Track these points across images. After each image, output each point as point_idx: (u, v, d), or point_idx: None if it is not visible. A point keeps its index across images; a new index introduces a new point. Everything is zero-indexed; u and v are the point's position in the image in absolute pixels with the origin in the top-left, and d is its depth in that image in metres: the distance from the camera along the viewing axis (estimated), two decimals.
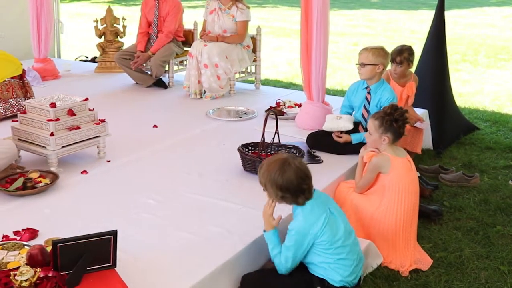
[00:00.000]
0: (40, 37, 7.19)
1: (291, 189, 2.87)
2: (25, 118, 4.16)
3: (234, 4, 6.24)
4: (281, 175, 2.85)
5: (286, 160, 2.89)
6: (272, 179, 2.88)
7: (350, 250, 3.01)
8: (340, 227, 2.97)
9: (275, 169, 2.87)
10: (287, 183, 2.85)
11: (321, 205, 2.96)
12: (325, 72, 5.02)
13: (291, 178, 2.85)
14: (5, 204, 3.58)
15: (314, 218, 2.91)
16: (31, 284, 2.45)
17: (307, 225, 2.90)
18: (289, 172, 2.85)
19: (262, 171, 2.94)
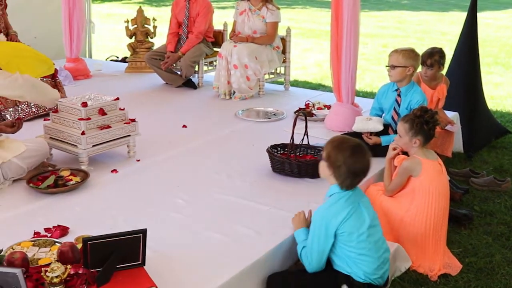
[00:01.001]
0: (72, 37, 7.28)
1: (351, 168, 2.85)
2: (57, 117, 4.21)
3: (264, 5, 6.24)
4: (353, 153, 2.85)
5: (363, 146, 2.93)
6: (341, 147, 2.88)
7: (374, 247, 2.95)
8: (365, 222, 2.91)
9: (349, 144, 2.89)
10: (353, 161, 2.85)
11: (352, 198, 2.92)
12: (355, 74, 5.00)
13: (358, 163, 2.86)
14: (37, 202, 3.63)
15: (339, 208, 2.88)
16: (62, 281, 2.47)
17: (330, 213, 2.87)
18: (361, 156, 2.88)
19: (334, 139, 2.98)
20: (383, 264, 3.00)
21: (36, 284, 2.49)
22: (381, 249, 3.00)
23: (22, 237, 3.06)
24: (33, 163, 3.93)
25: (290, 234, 3.19)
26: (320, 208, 2.95)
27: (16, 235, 3.09)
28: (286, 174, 4.00)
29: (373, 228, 2.96)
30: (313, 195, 3.66)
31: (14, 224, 3.32)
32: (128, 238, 2.60)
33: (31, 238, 3.08)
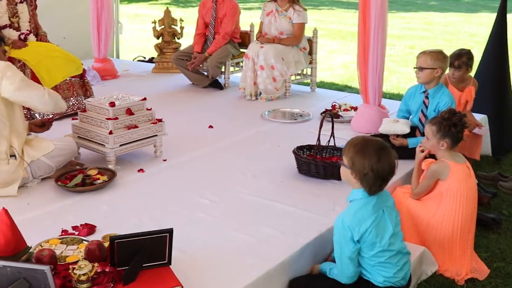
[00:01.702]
0: (100, 38, 7.35)
1: (379, 172, 2.74)
2: (85, 116, 4.26)
3: (291, 6, 6.24)
4: (380, 156, 2.74)
5: (387, 147, 2.82)
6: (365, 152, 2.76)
7: (394, 255, 2.90)
8: (386, 232, 2.85)
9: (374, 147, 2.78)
10: (380, 165, 2.74)
11: (378, 205, 2.85)
12: (382, 75, 4.97)
13: (385, 166, 2.75)
14: (65, 200, 3.67)
15: (365, 216, 2.80)
16: (89, 278, 2.49)
17: (354, 220, 2.79)
18: (388, 157, 2.76)
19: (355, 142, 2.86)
20: (403, 267, 2.97)
21: (63, 281, 2.51)
22: (401, 254, 2.95)
23: (50, 235, 3.10)
24: (61, 162, 3.98)
25: (316, 235, 3.19)
26: (343, 215, 2.85)
27: (44, 232, 3.14)
28: (312, 176, 3.99)
29: (395, 236, 2.90)
30: (338, 196, 3.64)
31: (43, 222, 3.36)
32: (154, 238, 2.61)
33: (59, 236, 3.11)
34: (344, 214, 2.85)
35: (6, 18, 5.53)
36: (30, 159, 3.81)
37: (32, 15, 5.77)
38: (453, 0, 22.22)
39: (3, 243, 2.56)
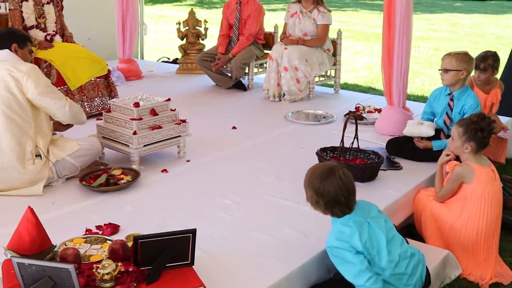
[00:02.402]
0: (125, 39, 7.40)
1: (327, 196, 2.77)
2: (109, 116, 4.29)
3: (316, 7, 6.22)
4: (321, 181, 2.77)
5: (332, 168, 2.81)
6: (311, 181, 2.81)
7: (398, 265, 2.85)
8: (381, 241, 2.81)
9: (318, 174, 2.80)
10: (324, 189, 2.76)
11: (357, 220, 2.81)
12: (407, 77, 4.94)
13: (329, 186, 2.75)
14: (89, 199, 3.71)
15: (347, 230, 2.77)
16: (112, 278, 2.51)
17: (342, 237, 2.76)
18: (330, 180, 2.76)
19: (307, 174, 2.89)
20: (414, 271, 2.93)
21: (87, 280, 2.53)
22: (406, 258, 2.90)
23: (74, 234, 3.12)
24: (86, 161, 4.02)
25: None
26: (330, 240, 2.82)
27: (68, 231, 3.16)
28: None
29: (391, 242, 2.86)
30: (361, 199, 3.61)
31: (67, 221, 3.39)
32: (177, 238, 2.62)
33: (83, 235, 3.14)
34: (330, 239, 2.82)
35: (33, 18, 5.61)
36: (55, 159, 3.85)
37: (58, 16, 5.84)
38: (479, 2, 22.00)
39: (29, 242, 2.59)
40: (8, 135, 3.70)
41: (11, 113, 3.71)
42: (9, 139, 3.70)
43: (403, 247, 2.94)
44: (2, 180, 3.73)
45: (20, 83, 3.72)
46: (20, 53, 3.93)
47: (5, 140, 3.70)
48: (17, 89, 3.72)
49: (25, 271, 2.39)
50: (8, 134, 3.70)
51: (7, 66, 3.76)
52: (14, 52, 3.90)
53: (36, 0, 5.62)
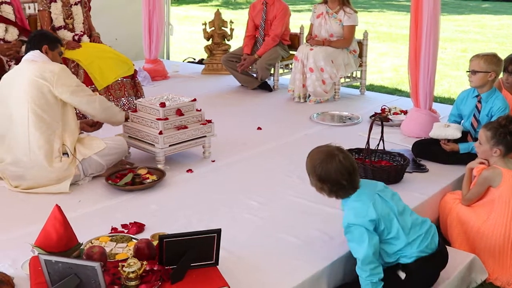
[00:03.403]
0: (151, 39, 7.45)
1: (329, 181, 2.80)
2: (135, 116, 4.32)
3: (342, 8, 6.20)
4: (322, 166, 2.81)
5: (331, 152, 2.84)
6: (312, 167, 2.86)
7: (410, 229, 2.88)
8: (392, 211, 2.84)
9: (318, 159, 2.84)
10: (325, 174, 2.80)
11: (369, 193, 2.84)
12: (434, 79, 4.89)
13: (330, 171, 2.79)
14: (115, 198, 3.74)
15: (363, 206, 2.79)
16: (137, 276, 2.52)
17: (358, 215, 2.78)
18: (330, 164, 2.79)
19: (307, 159, 2.94)
20: (426, 235, 2.92)
21: (113, 278, 2.55)
22: (417, 226, 2.91)
23: (100, 232, 3.15)
24: (112, 160, 4.05)
25: None
26: (346, 219, 2.83)
27: (94, 229, 3.19)
28: None
29: (402, 213, 2.89)
30: None
31: (93, 219, 3.42)
32: (202, 238, 2.63)
33: (109, 233, 3.16)
34: (345, 220, 2.83)
35: (61, 19, 5.67)
36: (82, 157, 3.89)
37: (86, 16, 5.89)
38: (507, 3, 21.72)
39: (56, 239, 2.62)
40: (37, 133, 3.75)
41: (41, 112, 3.77)
42: (37, 137, 3.75)
43: (413, 216, 2.96)
44: (30, 177, 3.79)
45: (51, 83, 3.78)
46: (51, 55, 4.00)
47: (34, 138, 3.75)
48: (47, 88, 3.77)
49: (52, 268, 2.41)
50: (37, 132, 3.75)
51: (38, 66, 3.82)
52: (44, 53, 3.97)
53: (64, 1, 5.68)
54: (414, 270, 2.89)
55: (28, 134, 3.76)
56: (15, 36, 5.21)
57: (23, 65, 3.92)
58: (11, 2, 5.25)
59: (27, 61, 3.92)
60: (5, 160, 3.87)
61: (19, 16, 5.34)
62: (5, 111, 3.89)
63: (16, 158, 3.81)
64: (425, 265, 2.90)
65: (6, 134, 3.88)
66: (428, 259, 2.90)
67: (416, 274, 2.90)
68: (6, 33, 5.14)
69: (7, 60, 5.03)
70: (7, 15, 5.18)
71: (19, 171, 3.80)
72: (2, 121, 3.91)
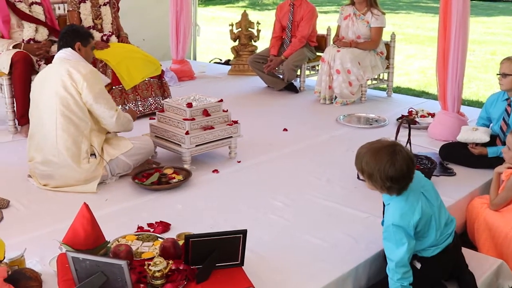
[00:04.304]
0: (179, 40, 7.49)
1: (401, 180, 2.66)
2: (162, 116, 4.35)
3: (369, 10, 6.17)
4: (393, 165, 2.62)
5: (394, 148, 2.69)
6: (381, 169, 2.64)
7: (444, 226, 2.85)
8: (433, 208, 2.80)
9: (385, 159, 2.65)
10: (399, 173, 2.63)
11: (415, 193, 2.76)
12: (462, 82, 4.84)
13: (403, 168, 2.63)
14: (141, 197, 3.76)
15: (410, 209, 2.71)
16: (163, 275, 2.54)
17: (404, 218, 2.69)
18: (400, 161, 2.63)
19: (366, 159, 2.72)
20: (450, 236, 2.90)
21: (139, 277, 2.57)
22: (447, 225, 2.88)
23: (126, 231, 3.17)
24: (138, 160, 4.08)
25: None
26: (390, 219, 2.73)
27: (120, 228, 3.21)
28: None
29: (440, 209, 2.86)
30: None
31: (119, 218, 3.45)
32: (228, 238, 2.63)
33: (135, 232, 3.18)
34: (390, 218, 2.73)
35: (90, 19, 5.73)
36: (109, 158, 3.92)
37: (115, 17, 5.95)
38: None
39: (83, 237, 2.65)
40: (64, 134, 3.79)
41: (69, 113, 3.80)
42: (65, 138, 3.79)
43: (446, 212, 2.92)
44: (59, 177, 3.84)
45: (78, 84, 3.81)
46: (83, 51, 4.03)
47: (62, 139, 3.79)
48: (74, 90, 3.80)
49: (79, 266, 2.44)
50: (65, 134, 3.79)
51: (68, 67, 3.85)
52: (77, 50, 3.99)
53: (93, 2, 5.74)
54: (430, 261, 2.87)
55: (56, 135, 3.80)
56: (45, 36, 5.27)
57: (55, 65, 3.94)
58: (42, 3, 5.31)
59: (59, 60, 3.94)
60: (35, 158, 3.92)
61: (49, 17, 5.40)
62: (36, 111, 3.95)
63: (45, 158, 3.85)
64: (441, 257, 2.87)
65: (36, 134, 3.93)
66: (444, 251, 2.88)
67: (431, 265, 2.87)
68: (37, 33, 5.20)
69: (37, 60, 5.09)
70: (37, 15, 5.24)
71: (48, 170, 3.85)
72: (34, 121, 3.97)
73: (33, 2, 5.24)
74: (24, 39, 5.13)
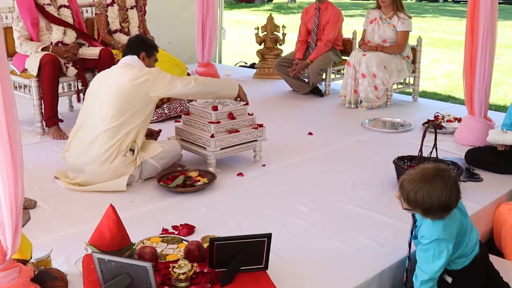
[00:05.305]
0: (204, 43, 7.50)
1: (453, 206, 2.62)
2: (188, 119, 4.37)
3: (396, 14, 6.14)
4: (450, 195, 2.56)
5: (444, 176, 2.60)
6: (441, 200, 2.56)
7: (475, 246, 2.81)
8: (466, 226, 2.76)
9: (439, 187, 2.56)
10: (454, 202, 2.59)
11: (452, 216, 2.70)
12: (489, 86, 4.79)
13: (452, 200, 2.58)
14: (166, 200, 3.78)
15: (453, 223, 2.67)
16: (187, 278, 2.54)
17: (448, 230, 2.65)
18: (454, 190, 2.58)
19: (418, 187, 2.60)
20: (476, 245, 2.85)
21: (163, 279, 2.57)
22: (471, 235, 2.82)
23: (151, 233, 3.18)
24: (166, 163, 4.11)
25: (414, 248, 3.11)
26: (431, 232, 2.66)
27: (145, 230, 3.23)
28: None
29: (473, 228, 2.82)
30: None
31: (144, 220, 3.47)
32: (253, 241, 2.63)
33: (160, 234, 3.20)
34: (435, 231, 2.67)
35: (117, 23, 5.79)
36: (140, 161, 3.96)
37: (141, 20, 6.00)
38: None
39: (109, 238, 2.66)
40: (110, 135, 3.88)
41: (120, 117, 3.89)
42: (109, 138, 3.88)
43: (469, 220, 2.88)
44: (89, 172, 3.90)
45: (146, 87, 3.92)
46: (147, 62, 4.15)
47: (105, 140, 3.88)
48: (141, 92, 3.91)
49: (104, 267, 2.46)
50: (110, 135, 3.88)
51: (133, 72, 3.96)
52: (141, 59, 4.11)
53: (120, 5, 5.80)
54: (461, 274, 2.83)
55: (100, 135, 3.88)
56: (73, 39, 5.33)
57: (118, 68, 4.06)
58: (70, 6, 5.37)
59: (123, 65, 4.06)
60: (70, 149, 4.01)
61: (77, 20, 5.46)
62: (88, 106, 4.05)
63: (81, 151, 3.93)
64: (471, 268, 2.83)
65: (81, 127, 4.02)
66: (473, 262, 2.84)
67: (464, 277, 2.84)
68: (65, 36, 5.26)
69: (65, 62, 5.15)
70: (65, 18, 5.30)
71: (80, 164, 3.92)
72: (83, 114, 4.06)
73: (61, 5, 5.30)
74: (52, 42, 5.19)
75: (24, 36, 5.15)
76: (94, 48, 5.39)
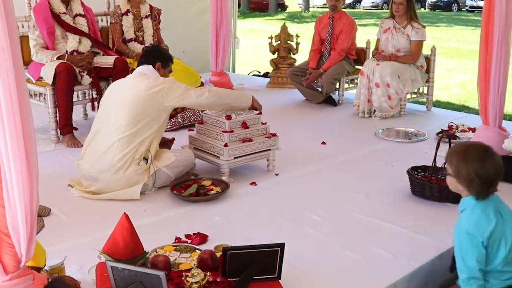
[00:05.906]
0: (218, 52, 7.53)
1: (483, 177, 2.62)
2: (201, 128, 4.38)
3: (410, 23, 6.14)
4: (484, 161, 2.63)
5: (491, 151, 2.69)
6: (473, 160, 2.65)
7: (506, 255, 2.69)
8: (507, 234, 2.66)
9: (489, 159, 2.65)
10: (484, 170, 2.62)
11: (494, 208, 2.68)
12: (504, 95, 4.75)
13: (490, 170, 2.62)
14: (179, 208, 3.79)
15: (486, 220, 2.63)
16: (200, 287, 2.55)
17: (478, 227, 2.62)
18: (492, 162, 2.64)
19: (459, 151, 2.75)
20: None
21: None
22: None
23: (164, 241, 3.19)
24: (179, 172, 4.12)
25: (428, 259, 3.09)
26: (463, 225, 2.66)
27: (158, 239, 3.23)
28: (426, 198, 3.88)
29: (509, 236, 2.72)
30: (453, 221, 3.42)
31: (158, 228, 3.47)
32: (266, 251, 2.63)
33: (173, 243, 3.20)
34: (464, 224, 2.66)
35: (132, 32, 5.84)
36: (153, 169, 3.97)
37: (156, 29, 6.04)
38: None
39: (123, 247, 2.67)
40: (124, 144, 3.89)
41: (134, 126, 3.90)
42: (122, 147, 3.89)
43: None
44: (103, 180, 3.92)
45: (161, 97, 3.95)
46: (162, 72, 4.19)
47: (119, 149, 3.89)
48: (156, 102, 3.94)
49: (118, 275, 2.47)
50: (124, 144, 3.89)
51: (148, 82, 3.99)
52: (156, 70, 4.15)
53: (135, 14, 5.85)
54: None
55: (114, 144, 3.90)
56: (88, 48, 5.36)
57: (134, 78, 4.10)
58: (85, 15, 5.42)
59: (138, 74, 4.10)
60: (85, 157, 4.04)
61: (92, 29, 5.50)
62: (103, 115, 4.09)
63: (96, 159, 3.95)
64: None
65: (95, 135, 4.05)
66: None
67: None
68: (80, 45, 5.30)
69: (80, 71, 5.19)
70: (81, 27, 5.34)
71: (94, 172, 3.94)
72: (97, 122, 4.09)
73: (77, 14, 5.35)
74: (67, 50, 5.23)
75: (40, 45, 5.20)
76: (109, 57, 5.42)
